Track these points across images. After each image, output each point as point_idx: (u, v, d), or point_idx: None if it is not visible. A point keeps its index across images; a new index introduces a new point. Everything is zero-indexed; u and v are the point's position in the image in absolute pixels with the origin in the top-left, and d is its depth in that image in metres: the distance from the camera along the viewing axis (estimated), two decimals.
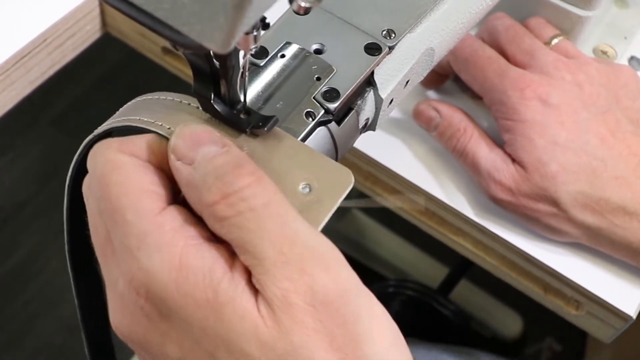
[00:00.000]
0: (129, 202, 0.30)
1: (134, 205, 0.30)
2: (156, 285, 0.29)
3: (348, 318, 0.29)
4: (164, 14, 0.27)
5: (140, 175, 0.31)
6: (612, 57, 0.61)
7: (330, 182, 0.33)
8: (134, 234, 0.29)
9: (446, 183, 0.55)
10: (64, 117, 1.42)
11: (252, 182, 0.30)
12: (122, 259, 0.30)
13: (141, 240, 0.29)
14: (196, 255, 0.29)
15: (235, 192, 0.29)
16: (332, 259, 0.30)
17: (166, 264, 0.29)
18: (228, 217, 0.29)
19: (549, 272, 0.53)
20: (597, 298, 0.51)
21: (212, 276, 0.29)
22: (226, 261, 0.29)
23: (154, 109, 0.34)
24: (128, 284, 0.30)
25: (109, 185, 0.30)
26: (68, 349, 1.20)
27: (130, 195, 0.30)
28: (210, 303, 0.28)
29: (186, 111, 0.34)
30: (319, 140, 0.37)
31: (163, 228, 0.29)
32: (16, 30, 0.55)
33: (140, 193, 0.30)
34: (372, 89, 0.40)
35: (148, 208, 0.30)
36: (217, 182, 0.30)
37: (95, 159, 0.32)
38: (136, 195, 0.30)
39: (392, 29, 0.40)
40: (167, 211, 0.30)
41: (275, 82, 0.37)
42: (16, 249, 1.28)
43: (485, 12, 0.48)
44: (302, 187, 0.32)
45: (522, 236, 0.53)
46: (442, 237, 0.56)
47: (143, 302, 0.30)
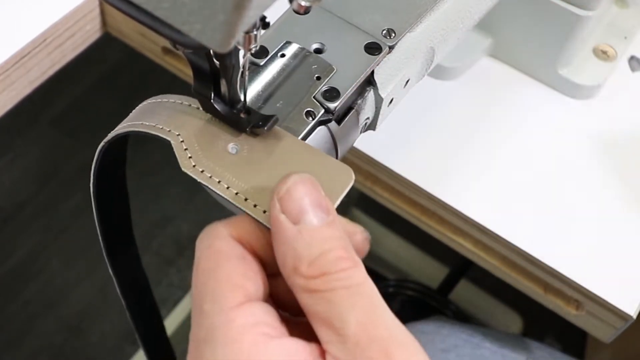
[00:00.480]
0: (209, 292, 0.29)
1: (212, 296, 0.29)
2: None
3: None
4: (164, 13, 0.27)
5: (229, 266, 0.30)
6: (612, 57, 0.61)
7: (330, 180, 0.33)
8: (205, 326, 0.29)
9: (446, 182, 0.55)
10: (64, 117, 1.42)
11: (352, 267, 0.29)
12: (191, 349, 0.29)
13: (208, 333, 0.28)
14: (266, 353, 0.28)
15: (334, 273, 0.29)
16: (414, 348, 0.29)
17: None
18: (321, 290, 0.29)
19: (549, 272, 0.53)
20: (597, 298, 0.51)
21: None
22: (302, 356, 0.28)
23: (157, 112, 0.34)
24: None
25: (198, 271, 0.30)
26: (68, 349, 1.20)
27: (212, 286, 0.29)
28: None
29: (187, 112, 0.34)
30: (319, 140, 0.37)
31: (233, 323, 0.28)
32: (16, 30, 0.55)
33: (223, 284, 0.29)
34: (372, 89, 0.40)
35: (226, 301, 0.29)
36: (320, 258, 0.29)
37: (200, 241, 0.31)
38: (219, 286, 0.29)
39: (392, 28, 0.40)
40: (245, 306, 0.29)
41: (275, 81, 0.37)
42: (16, 249, 1.28)
43: (485, 12, 0.48)
44: None
45: (522, 236, 0.53)
46: (442, 237, 0.56)
47: None
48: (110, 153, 0.36)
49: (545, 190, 0.56)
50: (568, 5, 0.56)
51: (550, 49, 0.59)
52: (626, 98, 0.62)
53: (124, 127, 0.34)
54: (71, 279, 1.24)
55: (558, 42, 0.58)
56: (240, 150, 0.33)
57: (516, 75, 0.62)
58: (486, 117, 0.58)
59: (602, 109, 0.61)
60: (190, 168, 0.32)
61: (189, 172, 0.32)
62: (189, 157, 0.33)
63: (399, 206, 0.57)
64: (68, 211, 1.32)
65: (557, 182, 0.56)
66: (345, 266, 0.29)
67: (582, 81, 0.61)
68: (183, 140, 0.33)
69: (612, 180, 0.57)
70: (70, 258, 1.27)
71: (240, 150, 0.33)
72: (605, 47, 0.62)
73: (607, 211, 0.56)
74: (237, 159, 0.33)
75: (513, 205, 0.55)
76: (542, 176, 0.57)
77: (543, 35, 0.59)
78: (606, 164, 0.58)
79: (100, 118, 1.38)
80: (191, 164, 0.32)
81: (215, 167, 0.32)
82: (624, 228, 0.55)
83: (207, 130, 0.34)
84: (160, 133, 0.33)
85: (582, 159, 0.58)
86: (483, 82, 0.61)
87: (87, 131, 1.39)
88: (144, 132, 0.33)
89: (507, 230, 0.53)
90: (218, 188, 0.32)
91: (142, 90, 1.39)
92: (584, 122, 0.60)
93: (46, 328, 1.21)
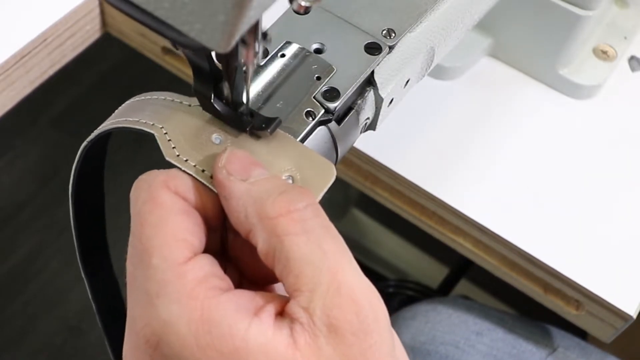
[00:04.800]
0: (157, 246, 0.30)
1: (161, 251, 0.29)
2: (171, 337, 0.28)
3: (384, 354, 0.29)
4: (164, 13, 0.27)
5: (176, 221, 0.30)
6: (612, 57, 0.61)
7: (312, 175, 0.33)
8: (155, 281, 0.29)
9: (446, 182, 0.55)
10: (64, 117, 1.42)
11: (313, 204, 0.30)
12: (141, 301, 0.30)
13: (161, 288, 0.29)
14: (218, 307, 0.29)
15: (299, 210, 0.29)
16: (375, 295, 0.30)
17: (185, 316, 0.28)
18: (290, 234, 0.29)
19: (549, 272, 0.53)
20: (597, 297, 0.51)
21: (238, 326, 0.28)
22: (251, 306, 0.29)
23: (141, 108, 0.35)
24: (141, 328, 0.29)
25: (143, 226, 0.30)
26: (68, 349, 1.20)
27: (159, 241, 0.30)
28: (240, 352, 0.28)
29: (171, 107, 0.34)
30: (319, 140, 0.37)
31: (185, 278, 0.29)
32: (16, 30, 0.55)
33: (170, 240, 0.30)
34: (372, 89, 0.40)
35: (174, 256, 0.29)
36: (281, 196, 0.30)
37: (138, 192, 0.31)
38: (166, 241, 0.30)
39: (392, 28, 0.40)
40: (193, 261, 0.30)
41: (275, 81, 0.37)
42: (16, 249, 1.28)
43: (485, 12, 0.48)
44: (284, 177, 0.33)
45: (523, 236, 0.53)
46: (442, 236, 0.56)
47: (152, 352, 0.29)
48: (92, 153, 0.36)
49: (545, 190, 0.56)
50: (568, 5, 0.56)
51: (550, 49, 0.59)
52: (626, 98, 0.62)
53: (108, 124, 0.35)
54: (71, 279, 1.24)
55: (558, 42, 0.58)
56: (224, 141, 0.33)
57: (516, 75, 0.62)
58: (486, 117, 0.58)
59: (602, 109, 0.61)
60: (173, 157, 0.33)
61: (172, 160, 0.33)
62: (173, 147, 0.33)
63: (399, 206, 0.57)
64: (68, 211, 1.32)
65: (557, 182, 0.56)
66: (310, 202, 0.30)
67: (582, 81, 0.61)
68: (167, 132, 0.33)
69: (613, 180, 0.57)
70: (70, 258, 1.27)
71: (224, 140, 0.33)
72: (605, 47, 0.62)
73: (607, 211, 0.56)
74: (220, 149, 0.33)
75: (513, 205, 0.55)
76: (542, 176, 0.57)
77: (543, 35, 0.59)
78: (606, 164, 0.58)
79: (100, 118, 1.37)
80: (175, 153, 0.33)
81: (198, 156, 0.33)
82: (624, 228, 0.55)
83: (191, 123, 0.34)
84: (144, 127, 0.33)
85: (582, 158, 0.58)
86: (483, 82, 0.61)
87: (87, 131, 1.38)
88: (127, 128, 0.34)
89: (507, 230, 0.53)
90: (202, 176, 0.32)
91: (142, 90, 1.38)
92: (584, 122, 0.60)
93: (46, 328, 1.21)
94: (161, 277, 0.29)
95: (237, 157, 0.32)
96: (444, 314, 0.64)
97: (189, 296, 0.29)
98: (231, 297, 0.29)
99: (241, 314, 0.29)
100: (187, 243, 0.30)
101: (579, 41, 0.59)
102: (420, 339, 0.62)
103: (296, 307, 0.29)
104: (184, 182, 0.31)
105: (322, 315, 0.28)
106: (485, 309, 0.65)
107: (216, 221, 0.32)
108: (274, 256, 0.30)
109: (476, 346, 0.61)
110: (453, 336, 0.62)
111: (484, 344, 0.62)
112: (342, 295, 0.28)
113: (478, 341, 0.62)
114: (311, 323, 0.28)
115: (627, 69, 0.64)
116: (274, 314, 0.29)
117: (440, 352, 0.61)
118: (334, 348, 0.28)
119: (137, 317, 0.30)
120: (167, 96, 0.35)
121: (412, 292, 1.05)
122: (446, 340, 0.62)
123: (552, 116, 0.60)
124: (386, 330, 0.29)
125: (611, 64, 0.62)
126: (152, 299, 0.29)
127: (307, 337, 0.28)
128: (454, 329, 0.62)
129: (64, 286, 1.24)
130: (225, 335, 0.28)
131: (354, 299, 0.28)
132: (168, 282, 0.29)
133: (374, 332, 0.29)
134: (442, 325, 0.63)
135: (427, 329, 0.63)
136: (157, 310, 0.29)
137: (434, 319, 0.64)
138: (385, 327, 0.29)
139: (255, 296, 0.30)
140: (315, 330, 0.28)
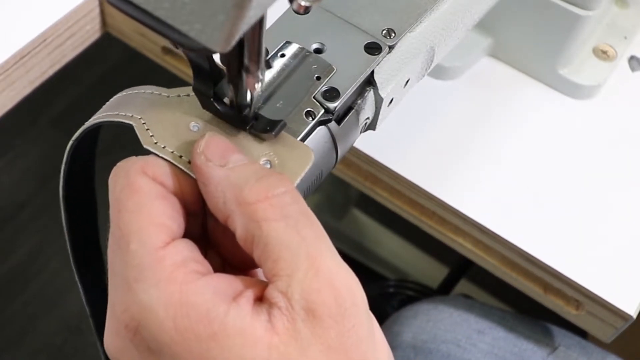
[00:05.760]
0: (135, 232, 0.30)
1: (139, 236, 0.30)
2: (150, 320, 0.29)
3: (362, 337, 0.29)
4: (164, 13, 0.27)
5: (154, 206, 0.30)
6: (612, 57, 0.61)
7: (290, 160, 0.33)
8: (134, 265, 0.29)
9: (446, 182, 0.55)
10: (64, 117, 1.42)
11: (291, 190, 0.30)
12: (120, 286, 0.30)
13: (139, 272, 0.29)
14: (196, 291, 0.29)
15: (277, 196, 0.30)
16: (353, 279, 0.30)
17: (164, 300, 0.28)
18: (269, 219, 0.29)
19: (549, 272, 0.53)
20: (597, 297, 0.51)
21: (216, 310, 0.28)
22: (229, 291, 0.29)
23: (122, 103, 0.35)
24: (121, 314, 0.30)
25: (121, 211, 0.30)
26: (68, 349, 1.20)
27: (137, 226, 0.30)
28: (218, 336, 0.28)
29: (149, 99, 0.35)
30: (319, 140, 0.37)
31: (163, 263, 0.29)
32: (16, 30, 0.55)
33: (148, 225, 0.30)
34: (372, 89, 0.40)
35: (152, 241, 0.30)
36: (260, 182, 0.30)
37: (116, 178, 0.31)
38: (144, 226, 0.30)
39: (392, 28, 0.40)
40: (171, 245, 0.30)
41: (275, 81, 0.37)
42: (16, 249, 1.28)
43: (485, 12, 0.48)
44: (262, 162, 0.33)
45: (523, 236, 0.53)
46: (442, 236, 0.56)
47: (132, 337, 0.29)
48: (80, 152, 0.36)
49: (545, 190, 0.56)
50: (568, 5, 0.56)
51: (550, 49, 0.59)
52: (626, 98, 0.62)
53: (90, 121, 0.35)
54: (71, 279, 1.23)
55: (558, 42, 0.58)
56: (202, 129, 0.34)
57: (516, 75, 0.62)
58: (486, 117, 0.58)
59: (602, 109, 0.61)
60: (151, 144, 0.33)
61: (150, 148, 0.33)
62: (151, 136, 0.33)
63: (399, 206, 0.57)
64: None
65: (557, 182, 0.56)
66: (287, 188, 0.30)
67: (582, 81, 0.61)
68: (145, 122, 0.34)
69: (613, 180, 0.57)
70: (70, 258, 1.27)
71: (202, 129, 0.34)
72: (605, 47, 0.62)
73: (607, 211, 0.56)
74: (198, 135, 0.33)
75: (513, 205, 0.55)
76: (542, 176, 0.57)
77: (543, 35, 0.59)
78: (606, 164, 0.58)
79: None
80: (153, 141, 0.33)
81: (177, 143, 0.33)
82: (624, 228, 0.55)
83: (169, 113, 0.34)
84: (123, 119, 0.33)
85: (582, 158, 0.58)
86: (483, 82, 0.61)
87: None
88: (108, 122, 0.34)
89: (507, 230, 0.53)
90: (180, 162, 0.32)
91: None
92: (584, 122, 0.60)
93: (46, 328, 1.21)
94: (139, 261, 0.29)
95: (215, 143, 0.32)
96: (446, 312, 0.64)
97: (167, 280, 0.29)
98: (209, 281, 0.29)
99: (220, 298, 0.29)
100: (165, 228, 0.30)
101: (579, 41, 0.59)
102: (422, 338, 0.62)
103: (274, 291, 0.29)
104: (162, 168, 0.32)
105: (300, 299, 0.28)
106: (487, 307, 0.65)
107: (196, 206, 0.32)
108: (253, 242, 0.30)
109: (477, 345, 0.61)
110: (454, 335, 0.62)
111: (485, 343, 0.62)
112: (320, 279, 0.28)
113: (479, 340, 0.62)
114: (289, 307, 0.28)
115: (627, 69, 0.64)
116: (252, 299, 0.29)
117: (441, 351, 0.61)
118: (312, 332, 0.28)
119: (116, 302, 0.30)
120: (146, 89, 0.35)
121: (412, 292, 1.06)
122: (447, 338, 0.62)
123: (552, 116, 0.60)
124: (364, 314, 0.30)
125: (611, 64, 0.62)
126: (130, 284, 0.29)
127: (285, 321, 0.28)
128: (455, 327, 0.63)
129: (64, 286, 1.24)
130: (204, 319, 0.28)
131: (331, 284, 0.29)
132: (146, 267, 0.29)
133: (352, 316, 0.29)
134: (444, 323, 0.63)
135: (428, 327, 0.63)
136: (135, 295, 0.29)
137: (435, 318, 0.64)
138: (363, 311, 0.30)
139: (234, 281, 0.30)
140: (294, 314, 0.28)
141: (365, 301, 0.30)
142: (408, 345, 0.62)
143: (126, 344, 0.30)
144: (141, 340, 0.29)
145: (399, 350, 0.62)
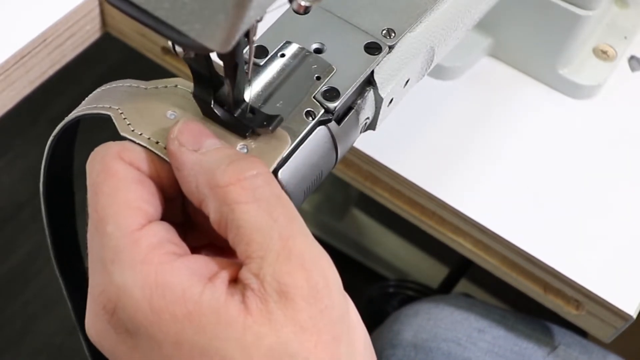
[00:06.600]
0: (111, 215, 0.30)
1: (115, 219, 0.30)
2: (126, 302, 0.29)
3: (334, 319, 0.29)
4: (164, 13, 0.27)
5: (130, 190, 0.31)
6: (612, 57, 0.61)
7: (267, 145, 0.33)
8: (110, 247, 0.30)
9: (446, 182, 0.55)
10: (64, 117, 1.42)
11: (264, 172, 0.30)
12: (98, 269, 0.30)
13: (116, 254, 0.29)
14: (172, 272, 0.29)
15: (248, 178, 0.30)
16: (326, 261, 0.30)
17: (139, 281, 0.29)
18: (241, 202, 0.29)
19: (549, 272, 0.53)
20: (597, 297, 0.51)
21: (192, 290, 0.29)
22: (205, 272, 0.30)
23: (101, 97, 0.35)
24: (98, 296, 0.30)
25: (98, 195, 0.31)
26: (68, 349, 1.20)
27: (114, 209, 0.30)
28: (193, 316, 0.28)
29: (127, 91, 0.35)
30: (319, 140, 0.37)
31: (139, 245, 0.29)
32: (16, 30, 0.55)
33: (124, 208, 0.30)
34: (372, 89, 0.40)
35: (128, 223, 0.30)
36: (232, 166, 0.30)
37: (93, 163, 0.32)
38: (120, 209, 0.30)
39: (392, 28, 0.40)
40: (147, 228, 0.30)
41: (275, 81, 0.37)
42: (16, 249, 1.28)
43: (485, 12, 0.48)
44: (239, 147, 0.33)
45: (523, 236, 0.53)
46: (441, 236, 0.56)
47: (109, 318, 0.30)
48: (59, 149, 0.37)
49: (545, 190, 0.56)
50: (568, 5, 0.56)
51: (550, 49, 0.59)
52: (626, 98, 0.62)
53: (70, 116, 0.35)
54: None
55: (558, 42, 0.58)
56: (179, 117, 0.34)
57: (516, 75, 0.62)
58: (486, 117, 0.58)
59: (602, 109, 0.61)
60: (128, 132, 0.33)
61: (126, 134, 0.33)
62: (128, 124, 0.33)
63: (399, 206, 0.57)
64: None
65: (557, 182, 0.56)
66: (259, 171, 0.30)
67: (582, 81, 0.61)
68: (122, 112, 0.34)
69: (613, 180, 0.57)
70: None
71: (179, 117, 0.34)
72: (605, 47, 0.62)
73: (607, 211, 0.56)
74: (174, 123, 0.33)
75: (513, 205, 0.55)
76: (542, 176, 0.57)
77: (543, 35, 0.59)
78: (606, 164, 0.58)
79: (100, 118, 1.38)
80: (130, 129, 0.33)
81: (153, 129, 0.33)
82: (624, 228, 0.55)
83: (147, 102, 0.34)
84: (101, 110, 0.34)
85: (582, 158, 0.58)
86: (483, 82, 0.61)
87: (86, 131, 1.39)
88: (87, 115, 0.34)
89: (507, 230, 0.53)
90: (156, 147, 0.33)
91: None
92: (584, 122, 0.60)
93: (46, 328, 1.21)
94: (115, 243, 0.30)
95: (189, 128, 0.32)
96: (446, 311, 0.64)
97: (142, 261, 0.29)
98: (185, 262, 0.30)
99: (195, 278, 0.29)
100: (141, 211, 0.30)
101: (579, 41, 0.59)
102: (422, 336, 0.62)
103: (247, 273, 0.29)
104: (138, 153, 0.32)
105: (272, 281, 0.28)
106: (487, 306, 0.65)
107: (173, 190, 0.33)
108: (226, 225, 0.30)
109: (478, 343, 0.62)
110: (455, 333, 0.62)
111: (485, 341, 0.62)
112: (292, 261, 0.29)
113: (480, 338, 0.62)
114: (262, 289, 0.28)
115: (627, 69, 0.64)
116: (227, 280, 0.29)
117: (442, 349, 0.61)
118: (284, 313, 0.28)
119: (94, 285, 0.30)
120: (124, 83, 0.36)
121: (412, 292, 1.05)
122: (448, 337, 0.62)
123: (552, 116, 0.60)
124: (337, 296, 0.30)
125: (611, 64, 0.62)
126: (107, 266, 0.30)
127: (258, 302, 0.28)
128: (456, 326, 0.63)
129: None
130: (179, 299, 0.28)
131: (304, 265, 0.29)
132: (122, 249, 0.29)
133: (325, 298, 0.29)
134: (444, 322, 0.63)
135: (429, 326, 0.63)
136: (112, 276, 0.29)
137: (436, 316, 0.64)
138: (336, 293, 0.30)
139: (210, 262, 0.30)
140: (266, 295, 0.28)
141: (339, 282, 0.30)
142: (409, 344, 0.62)
143: (105, 326, 0.30)
144: (118, 322, 0.30)
145: (399, 349, 0.62)
